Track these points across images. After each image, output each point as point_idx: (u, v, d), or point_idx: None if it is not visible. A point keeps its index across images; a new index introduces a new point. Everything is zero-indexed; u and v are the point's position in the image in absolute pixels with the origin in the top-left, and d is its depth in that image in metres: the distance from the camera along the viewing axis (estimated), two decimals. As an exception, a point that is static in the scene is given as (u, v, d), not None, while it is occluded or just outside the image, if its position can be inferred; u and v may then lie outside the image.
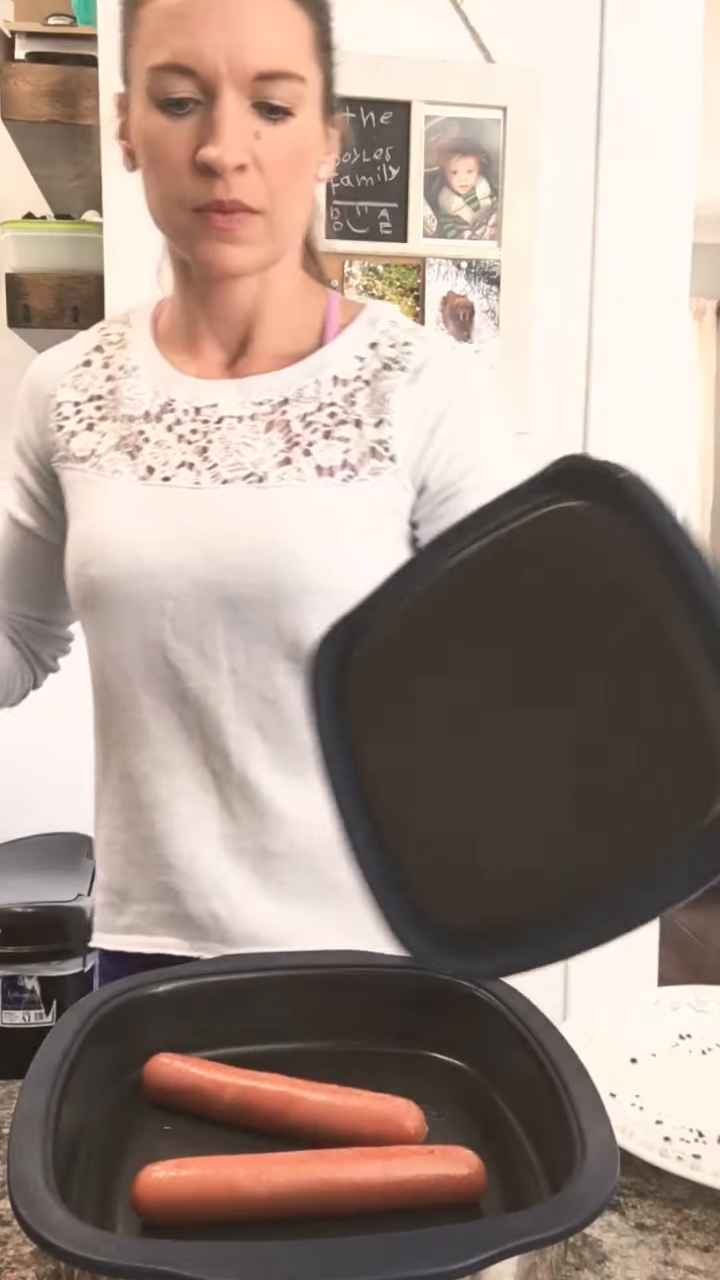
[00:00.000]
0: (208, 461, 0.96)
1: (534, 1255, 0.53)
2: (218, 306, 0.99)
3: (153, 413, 1.00)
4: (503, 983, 0.74)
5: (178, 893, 0.99)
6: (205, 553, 0.94)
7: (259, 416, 0.97)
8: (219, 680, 0.94)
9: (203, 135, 0.87)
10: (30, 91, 1.67)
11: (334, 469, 0.94)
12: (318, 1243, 0.51)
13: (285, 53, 0.88)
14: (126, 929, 1.03)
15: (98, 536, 0.97)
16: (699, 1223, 0.66)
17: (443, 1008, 0.75)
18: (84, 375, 1.05)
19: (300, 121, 0.90)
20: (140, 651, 0.97)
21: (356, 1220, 0.59)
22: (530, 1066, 0.66)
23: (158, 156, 0.90)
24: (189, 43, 0.86)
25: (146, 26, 0.89)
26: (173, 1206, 0.58)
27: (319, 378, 0.98)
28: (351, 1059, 0.73)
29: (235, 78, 0.86)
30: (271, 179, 0.89)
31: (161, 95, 0.88)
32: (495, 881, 0.65)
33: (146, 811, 1.00)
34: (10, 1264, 0.60)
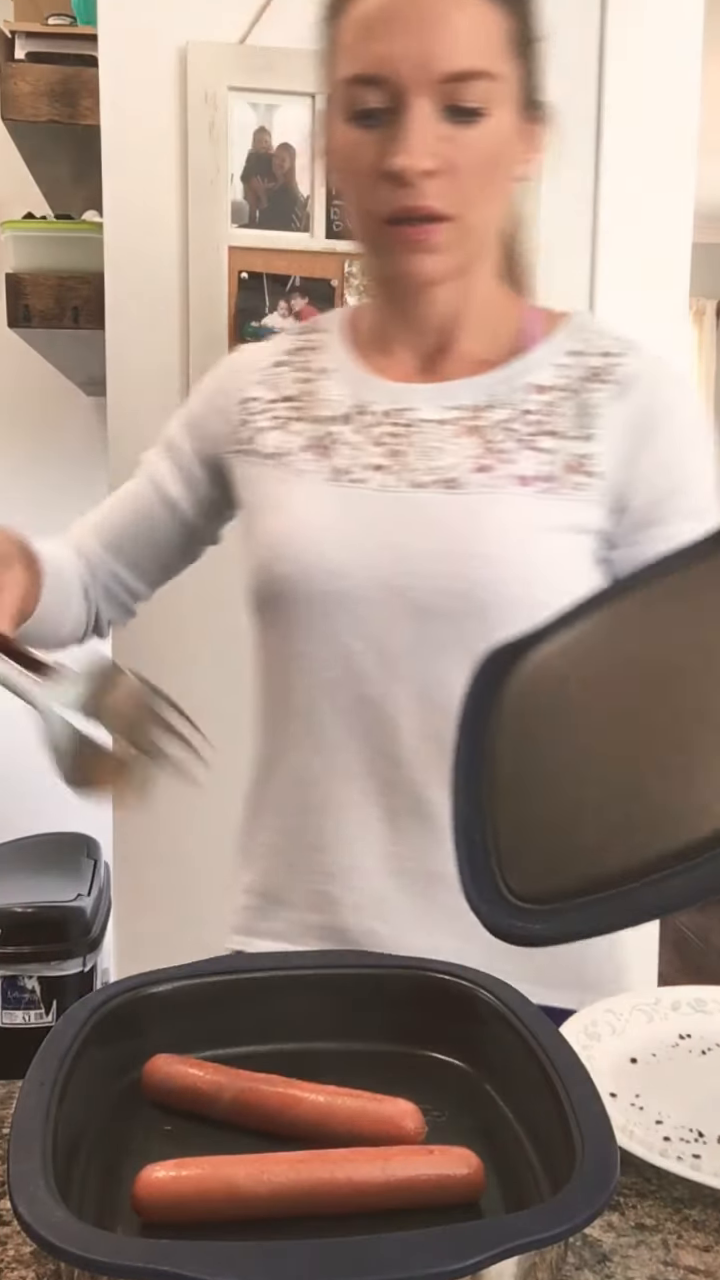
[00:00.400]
0: (401, 464, 0.95)
1: (534, 1255, 0.53)
2: (415, 313, 0.98)
3: (347, 415, 0.99)
4: (503, 983, 0.74)
5: (336, 904, 0.98)
6: (394, 556, 0.93)
7: (455, 421, 0.96)
8: (400, 688, 0.92)
9: (391, 144, 0.86)
10: (30, 91, 1.67)
11: (533, 479, 0.93)
12: (318, 1243, 0.51)
13: (475, 52, 0.86)
14: (273, 934, 1.02)
15: (285, 535, 0.96)
16: (699, 1223, 0.66)
17: (443, 1008, 0.75)
18: (278, 375, 1.04)
19: (493, 123, 0.88)
20: (321, 652, 0.96)
21: (356, 1220, 0.59)
22: (530, 1066, 0.66)
23: (351, 169, 0.90)
24: (377, 52, 0.86)
25: (341, 42, 0.89)
26: (173, 1206, 0.58)
27: (519, 384, 0.96)
28: (352, 1059, 0.73)
29: (422, 82, 0.85)
30: (462, 183, 0.88)
31: (353, 107, 0.88)
32: (569, 854, 0.72)
33: (313, 816, 0.98)
34: (10, 1264, 0.60)
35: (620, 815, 0.70)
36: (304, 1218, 0.59)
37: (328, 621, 0.95)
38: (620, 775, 0.71)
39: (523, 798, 0.77)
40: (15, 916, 2.07)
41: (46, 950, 2.07)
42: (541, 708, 0.78)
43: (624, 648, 0.74)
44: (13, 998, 2.06)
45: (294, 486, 0.98)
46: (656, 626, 0.73)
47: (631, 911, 0.68)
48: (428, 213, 0.88)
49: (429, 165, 0.86)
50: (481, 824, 0.78)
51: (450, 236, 0.90)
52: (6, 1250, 0.61)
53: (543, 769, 0.77)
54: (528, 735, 0.78)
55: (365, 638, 0.94)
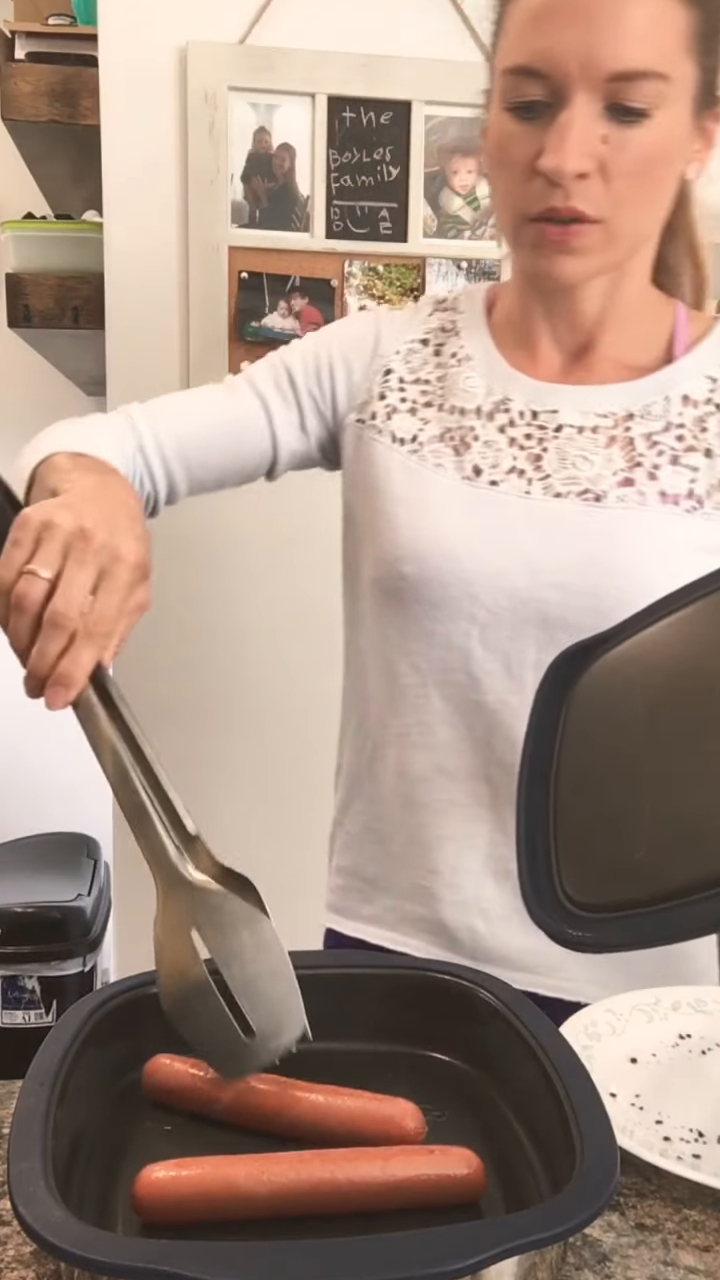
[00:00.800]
0: (540, 471, 0.93)
1: (534, 1255, 0.53)
2: (560, 312, 0.96)
3: (485, 409, 0.96)
4: (503, 983, 0.74)
5: (437, 899, 0.97)
6: (529, 566, 0.90)
7: (600, 429, 0.93)
8: (521, 697, 0.88)
9: (546, 141, 0.83)
10: (30, 91, 1.67)
11: (679, 497, 0.90)
12: (318, 1243, 0.51)
13: (647, 51, 0.81)
14: (371, 919, 1.02)
15: (414, 534, 0.94)
16: (699, 1223, 0.66)
17: (443, 1008, 0.75)
18: (418, 354, 1.01)
19: (659, 123, 0.83)
20: (441, 654, 0.94)
21: (356, 1220, 0.59)
22: (530, 1066, 0.66)
23: (503, 161, 0.87)
24: (543, 44, 0.82)
25: (510, 26, 0.86)
26: (173, 1206, 0.58)
27: (668, 395, 0.93)
28: (352, 1059, 0.73)
29: (587, 80, 0.81)
30: (615, 186, 0.84)
31: (513, 98, 0.85)
32: (627, 865, 0.72)
33: (418, 813, 0.98)
34: (10, 1264, 0.60)
35: (680, 827, 0.70)
36: (304, 1218, 0.59)
37: (451, 625, 0.93)
38: (681, 786, 0.71)
39: (584, 804, 0.78)
40: (15, 916, 2.07)
41: (46, 950, 2.07)
42: (606, 713, 0.78)
43: (694, 655, 0.74)
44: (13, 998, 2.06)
45: (427, 481, 0.95)
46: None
47: (691, 925, 0.68)
48: (574, 215, 0.85)
49: (583, 168, 0.83)
50: (545, 828, 0.78)
51: (595, 239, 0.86)
52: (6, 1250, 0.61)
53: (605, 776, 0.77)
54: (592, 741, 0.79)
55: (489, 645, 0.92)
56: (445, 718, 0.96)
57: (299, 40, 1.57)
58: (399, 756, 0.99)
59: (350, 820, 1.05)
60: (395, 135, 1.62)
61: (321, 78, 1.58)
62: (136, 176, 1.60)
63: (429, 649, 0.95)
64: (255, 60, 1.57)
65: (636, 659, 0.77)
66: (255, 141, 1.60)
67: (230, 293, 1.62)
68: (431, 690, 0.96)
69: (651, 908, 0.70)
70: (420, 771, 0.97)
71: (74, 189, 2.06)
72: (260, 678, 1.72)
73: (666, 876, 0.70)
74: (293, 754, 1.72)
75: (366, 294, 1.65)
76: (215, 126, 1.58)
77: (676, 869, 0.69)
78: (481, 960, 0.94)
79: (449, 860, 0.97)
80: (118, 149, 1.60)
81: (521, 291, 0.98)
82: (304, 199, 1.62)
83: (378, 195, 1.63)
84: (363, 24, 1.59)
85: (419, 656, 0.96)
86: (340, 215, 1.63)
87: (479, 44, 1.61)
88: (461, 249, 1.66)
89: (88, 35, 1.64)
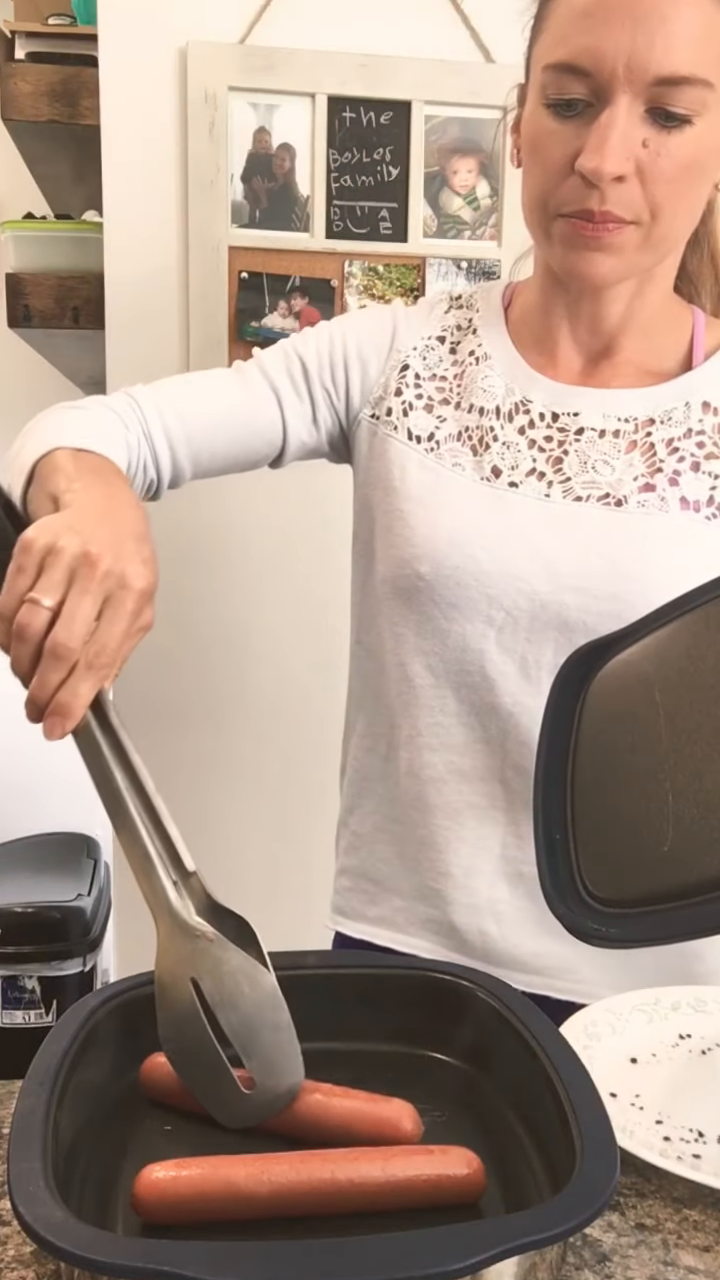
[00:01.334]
0: (561, 474, 0.92)
1: (534, 1255, 0.53)
2: (584, 314, 0.95)
3: (505, 409, 0.95)
4: (503, 982, 0.74)
5: (448, 902, 0.97)
6: (548, 570, 0.90)
7: (622, 434, 0.92)
8: (537, 700, 0.88)
9: (585, 140, 0.82)
10: (30, 91, 1.66)
11: (699, 504, 0.90)
12: (318, 1243, 0.51)
13: (694, 57, 0.80)
14: (378, 920, 1.01)
15: (431, 534, 0.93)
16: (699, 1223, 0.65)
17: (443, 1008, 0.75)
18: (435, 351, 1.00)
19: (701, 130, 0.82)
20: (457, 655, 0.94)
21: (356, 1220, 0.59)
22: (530, 1066, 0.66)
23: (538, 157, 0.86)
24: (590, 42, 0.80)
25: (554, 21, 0.84)
26: (173, 1206, 0.58)
27: (689, 401, 0.93)
28: (352, 1059, 0.73)
29: (632, 82, 0.80)
30: (653, 191, 0.83)
31: (554, 94, 0.83)
32: (650, 861, 0.73)
33: (430, 814, 0.97)
34: (10, 1264, 0.60)
35: (705, 822, 0.70)
36: (304, 1218, 0.59)
37: (468, 626, 0.93)
38: (704, 782, 0.71)
39: (603, 801, 0.78)
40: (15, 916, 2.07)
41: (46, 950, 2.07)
42: (623, 711, 0.78)
43: (712, 653, 0.74)
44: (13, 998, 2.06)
45: (445, 480, 0.94)
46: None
47: (712, 921, 0.68)
48: (609, 218, 0.84)
49: (622, 170, 0.81)
50: (563, 825, 0.79)
51: (629, 239, 0.85)
52: (6, 1250, 0.61)
53: (623, 773, 0.77)
54: (609, 738, 0.79)
55: (506, 648, 0.92)
56: (460, 719, 0.95)
57: (299, 40, 1.57)
58: (411, 758, 0.98)
59: (357, 821, 1.04)
60: (395, 135, 1.62)
61: (321, 78, 1.58)
62: (136, 176, 1.60)
63: (444, 649, 0.94)
64: (255, 60, 1.57)
65: (652, 657, 0.78)
66: (255, 141, 1.60)
67: (230, 293, 1.62)
68: (447, 691, 0.95)
69: (677, 902, 0.70)
70: (434, 773, 0.97)
71: (74, 189, 2.06)
72: (261, 676, 1.72)
73: (692, 871, 0.70)
74: (294, 752, 1.72)
75: (366, 294, 1.64)
76: (215, 126, 1.58)
77: (702, 863, 0.69)
78: (493, 963, 0.94)
79: (462, 862, 0.96)
80: (118, 149, 1.60)
81: (544, 291, 0.97)
82: (304, 199, 1.62)
83: (378, 195, 1.63)
84: (363, 24, 1.59)
85: (434, 657, 0.95)
86: (340, 215, 1.63)
87: (479, 44, 1.61)
88: (461, 249, 1.66)
89: (88, 35, 1.64)
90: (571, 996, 0.94)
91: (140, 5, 1.56)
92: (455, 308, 1.04)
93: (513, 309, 1.01)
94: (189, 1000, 0.67)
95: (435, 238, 1.66)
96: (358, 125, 1.61)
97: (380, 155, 1.63)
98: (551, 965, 0.94)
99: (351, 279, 1.64)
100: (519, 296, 1.02)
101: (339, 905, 1.06)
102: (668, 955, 0.95)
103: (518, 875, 0.95)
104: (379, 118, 1.61)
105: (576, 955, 0.94)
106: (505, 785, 0.95)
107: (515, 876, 0.95)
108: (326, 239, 1.63)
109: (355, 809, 1.05)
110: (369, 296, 1.65)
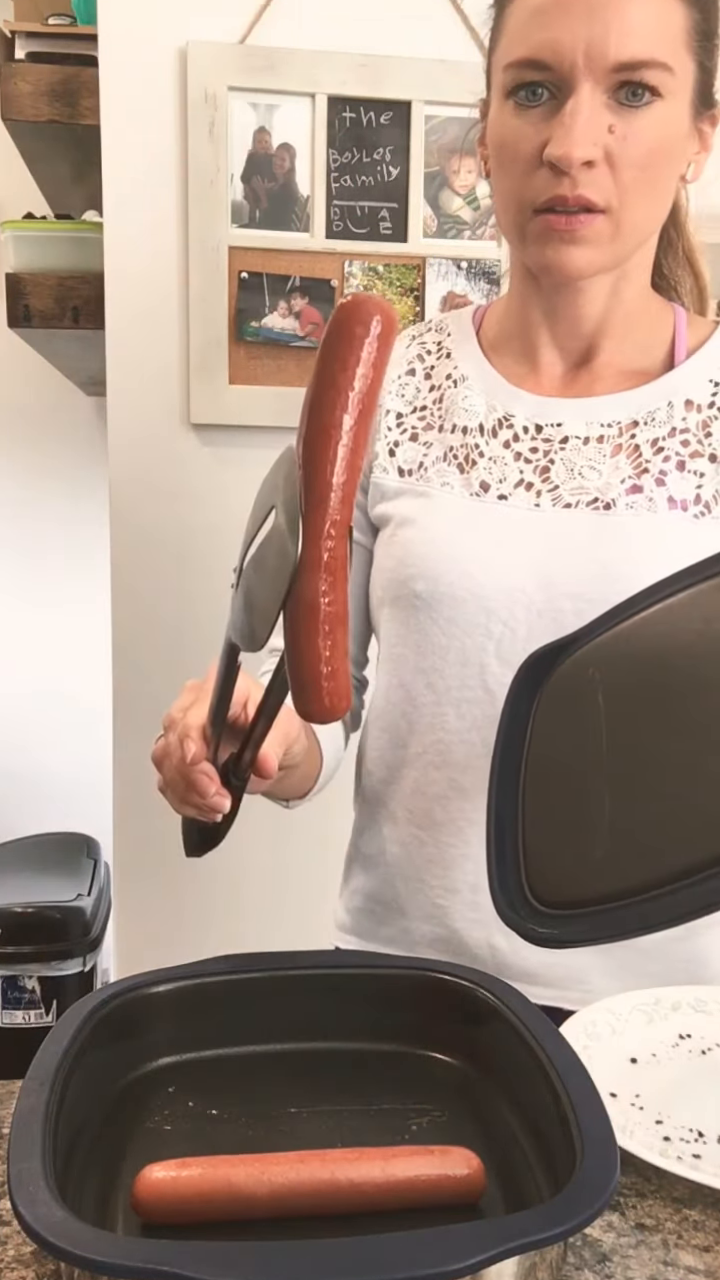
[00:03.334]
0: (549, 483, 0.92)
1: (534, 1255, 0.53)
2: (563, 314, 0.95)
3: (488, 426, 0.96)
4: (503, 982, 0.74)
5: (455, 917, 0.97)
6: (542, 578, 0.90)
7: (606, 439, 0.93)
8: None
9: (552, 131, 0.83)
10: (30, 91, 1.66)
11: (687, 503, 0.90)
12: (318, 1243, 0.51)
13: (651, 42, 0.82)
14: (388, 940, 1.01)
15: (425, 551, 0.93)
16: (699, 1223, 0.65)
17: (443, 1008, 0.75)
18: (409, 385, 1.01)
19: (663, 113, 0.84)
20: (457, 671, 0.94)
21: (356, 1220, 0.59)
22: (530, 1066, 0.65)
23: (507, 154, 0.87)
24: (548, 36, 0.82)
25: (512, 23, 0.86)
26: (173, 1206, 0.58)
27: (671, 400, 0.93)
28: (352, 1059, 0.73)
29: (592, 70, 0.82)
30: (622, 175, 0.84)
31: (515, 86, 0.85)
32: (587, 866, 0.74)
33: (437, 831, 0.97)
34: (10, 1264, 0.60)
35: (634, 834, 0.71)
36: (304, 1218, 0.59)
37: (466, 641, 0.93)
38: (642, 784, 0.72)
39: (548, 804, 0.78)
40: (15, 916, 2.07)
41: (46, 950, 2.07)
42: (569, 713, 0.79)
43: (657, 655, 0.74)
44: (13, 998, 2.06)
45: (435, 500, 0.95)
46: (681, 634, 0.74)
47: (653, 919, 0.70)
48: (582, 204, 0.84)
49: (590, 155, 0.82)
50: (514, 831, 0.79)
51: (602, 229, 0.86)
52: (6, 1250, 0.61)
53: (567, 776, 0.78)
54: (556, 741, 0.79)
55: (505, 660, 0.91)
56: (462, 735, 0.95)
57: (299, 40, 1.57)
58: (418, 776, 0.98)
59: (366, 841, 1.05)
60: (395, 135, 1.62)
61: (321, 78, 1.58)
62: (136, 176, 1.60)
63: (445, 665, 0.95)
64: (255, 60, 1.57)
65: (600, 659, 0.78)
66: (255, 141, 1.60)
67: (230, 293, 1.62)
68: (447, 709, 0.95)
69: (613, 904, 0.71)
70: (438, 790, 0.97)
71: (74, 189, 2.06)
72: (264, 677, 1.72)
73: (625, 878, 0.71)
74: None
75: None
76: (215, 126, 1.58)
77: (635, 870, 0.71)
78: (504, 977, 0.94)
79: (469, 879, 0.96)
80: (118, 149, 1.60)
81: (523, 295, 0.97)
82: (304, 199, 1.62)
83: (378, 195, 1.63)
84: (363, 24, 1.59)
85: (435, 675, 0.95)
86: (340, 215, 1.63)
87: (479, 44, 1.61)
88: (461, 249, 1.66)
89: (88, 35, 1.64)
90: (582, 1007, 0.94)
91: (140, 5, 1.56)
92: (416, 340, 1.04)
93: (485, 329, 1.02)
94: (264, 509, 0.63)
95: (435, 238, 1.66)
96: (358, 125, 1.61)
97: (380, 155, 1.63)
98: (561, 976, 0.94)
99: (351, 279, 1.64)
100: (492, 314, 1.03)
101: (348, 925, 1.06)
102: (674, 961, 0.95)
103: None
104: (379, 118, 1.61)
105: (586, 965, 0.94)
106: None
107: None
108: (326, 239, 1.63)
109: (365, 829, 1.05)
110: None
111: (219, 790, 0.76)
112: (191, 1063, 0.71)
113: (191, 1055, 0.71)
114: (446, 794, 0.96)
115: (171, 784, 0.79)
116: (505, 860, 0.78)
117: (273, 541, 0.61)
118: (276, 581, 0.59)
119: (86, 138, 1.68)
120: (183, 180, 1.60)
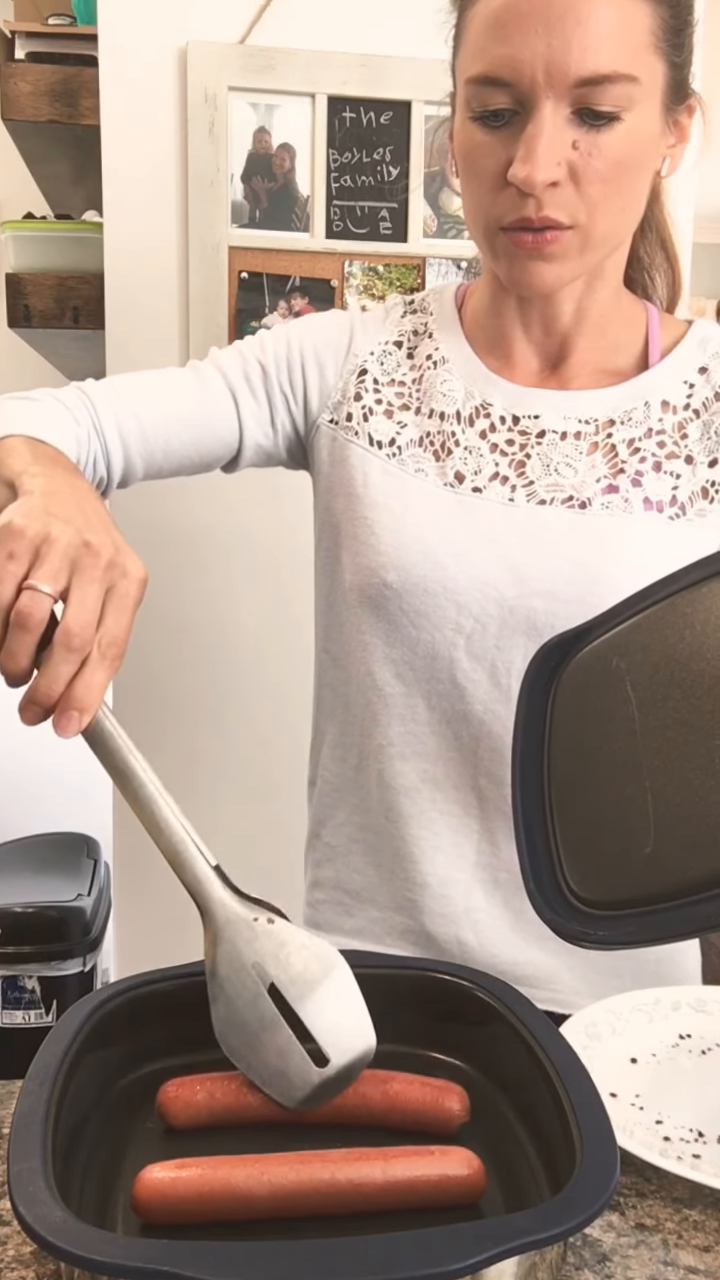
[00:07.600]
0: (524, 478, 0.92)
1: (534, 1255, 0.53)
2: (536, 315, 0.95)
3: (465, 414, 0.95)
4: (503, 983, 0.74)
5: (424, 912, 0.96)
6: (515, 574, 0.90)
7: (583, 435, 0.92)
8: (508, 707, 0.88)
9: (516, 150, 0.81)
10: (30, 91, 1.67)
11: (662, 504, 0.90)
12: (318, 1243, 0.51)
13: (613, 54, 0.79)
14: (355, 932, 1.00)
15: (397, 541, 0.92)
16: (699, 1223, 0.65)
17: (443, 1008, 0.74)
18: (393, 356, 0.99)
19: (629, 125, 0.82)
20: (427, 664, 0.93)
21: (356, 1220, 0.59)
22: (530, 1066, 0.65)
23: (472, 171, 0.86)
24: (506, 51, 0.80)
25: (471, 33, 0.84)
26: (173, 1206, 0.58)
27: (648, 400, 0.93)
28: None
29: (553, 86, 0.79)
30: (588, 190, 0.82)
31: (478, 108, 0.83)
32: (634, 863, 0.72)
33: (404, 824, 0.97)
34: (10, 1264, 0.60)
35: (689, 821, 0.69)
36: (304, 1218, 0.59)
37: (436, 634, 0.92)
38: (686, 779, 0.70)
39: (581, 800, 0.77)
40: (15, 916, 2.07)
41: (46, 950, 2.07)
42: (595, 707, 0.77)
43: (688, 645, 0.73)
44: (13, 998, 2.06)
45: (408, 487, 0.94)
46: (712, 623, 0.72)
47: (709, 921, 0.68)
48: (548, 224, 0.83)
49: (554, 176, 0.81)
50: (544, 826, 0.78)
51: (570, 244, 0.85)
52: (6, 1250, 0.61)
53: (599, 771, 0.76)
54: (582, 735, 0.78)
55: (475, 655, 0.91)
56: (432, 727, 0.95)
57: (299, 40, 1.57)
58: (383, 767, 0.97)
59: (330, 833, 1.03)
60: (395, 135, 1.62)
61: (321, 78, 1.58)
62: (136, 176, 1.60)
63: (414, 657, 0.94)
64: (255, 60, 1.57)
65: (622, 651, 0.77)
66: (255, 141, 1.60)
67: (230, 293, 1.62)
68: (418, 699, 0.95)
69: (666, 903, 0.69)
70: (407, 782, 0.96)
71: (74, 189, 2.06)
72: (255, 676, 1.72)
73: (676, 873, 0.69)
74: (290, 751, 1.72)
75: (366, 294, 1.65)
76: (215, 126, 1.58)
77: (686, 864, 0.69)
78: None
79: (438, 872, 0.96)
80: (118, 149, 1.60)
81: (495, 296, 0.97)
82: (304, 199, 1.62)
83: (378, 195, 1.63)
84: (363, 24, 1.59)
85: (403, 665, 0.94)
86: (340, 215, 1.63)
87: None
88: (461, 249, 1.66)
89: (88, 35, 1.64)
90: (551, 1006, 0.93)
91: (140, 5, 1.56)
92: (410, 312, 1.03)
93: (466, 310, 1.01)
94: (253, 986, 0.66)
95: (435, 238, 1.66)
96: (358, 125, 1.61)
97: (380, 155, 1.63)
98: (530, 974, 0.94)
99: (351, 279, 1.64)
100: (471, 298, 1.01)
101: (313, 919, 1.05)
102: (645, 961, 0.95)
103: (493, 883, 0.95)
104: (379, 118, 1.61)
105: (555, 964, 0.94)
106: (478, 793, 0.94)
107: (491, 884, 0.95)
108: (326, 239, 1.63)
109: (327, 820, 1.04)
110: (369, 296, 1.65)
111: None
112: (191, 1063, 0.71)
113: (191, 1055, 0.71)
114: (416, 785, 0.96)
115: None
116: (539, 858, 0.77)
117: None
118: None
119: (86, 138, 1.68)
120: (182, 180, 1.60)
